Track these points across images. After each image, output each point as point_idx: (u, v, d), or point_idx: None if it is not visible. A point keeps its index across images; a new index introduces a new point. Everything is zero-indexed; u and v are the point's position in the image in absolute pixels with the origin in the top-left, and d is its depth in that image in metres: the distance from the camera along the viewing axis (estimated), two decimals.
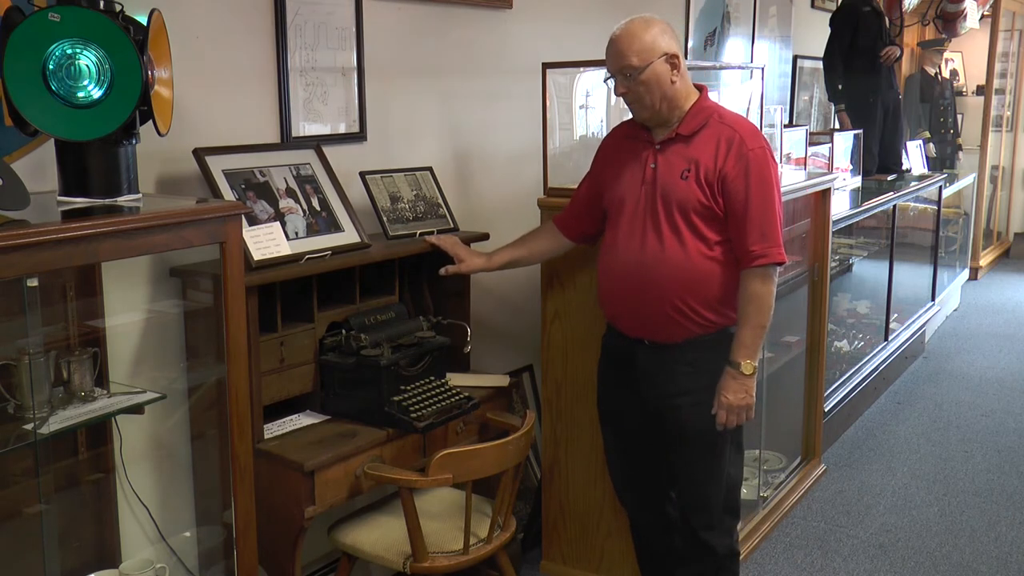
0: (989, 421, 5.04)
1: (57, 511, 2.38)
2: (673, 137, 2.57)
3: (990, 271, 8.99)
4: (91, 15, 2.06)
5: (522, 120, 3.75)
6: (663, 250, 2.54)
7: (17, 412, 2.12)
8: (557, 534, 3.34)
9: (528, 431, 2.68)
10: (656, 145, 2.59)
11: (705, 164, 2.51)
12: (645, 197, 2.58)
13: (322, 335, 2.77)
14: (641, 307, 2.60)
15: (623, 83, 2.53)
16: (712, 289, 2.55)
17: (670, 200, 2.53)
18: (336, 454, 2.53)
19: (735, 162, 2.49)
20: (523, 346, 3.85)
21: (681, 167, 2.54)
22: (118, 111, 2.08)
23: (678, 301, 2.54)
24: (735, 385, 2.55)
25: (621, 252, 2.62)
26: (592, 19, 4.16)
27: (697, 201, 2.51)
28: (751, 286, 2.52)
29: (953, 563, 3.55)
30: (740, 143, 2.50)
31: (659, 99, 2.52)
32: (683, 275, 2.53)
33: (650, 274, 2.55)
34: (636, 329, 2.66)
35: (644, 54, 2.49)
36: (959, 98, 9.28)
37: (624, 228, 2.62)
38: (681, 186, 2.53)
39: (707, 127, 2.55)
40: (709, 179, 2.51)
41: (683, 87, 2.56)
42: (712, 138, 2.53)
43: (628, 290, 2.62)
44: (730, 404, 2.56)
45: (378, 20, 3.14)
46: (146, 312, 2.54)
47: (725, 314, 2.59)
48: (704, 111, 2.57)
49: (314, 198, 2.79)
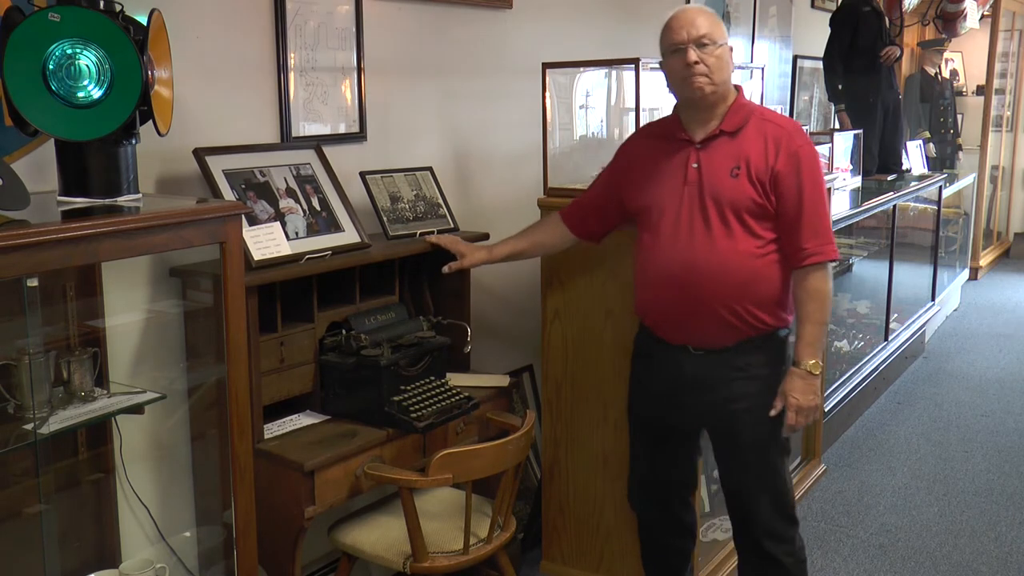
0: (989, 421, 5.04)
1: (57, 511, 2.37)
2: (716, 134, 2.50)
3: (990, 271, 8.99)
4: (91, 15, 2.06)
5: (522, 120, 3.75)
6: (715, 252, 2.46)
7: (17, 412, 2.12)
8: (557, 534, 3.34)
9: (528, 431, 2.68)
10: (697, 144, 2.52)
11: (755, 161, 2.45)
12: (689, 198, 2.49)
13: (322, 335, 2.77)
14: (691, 313, 2.51)
15: (696, 52, 2.45)
16: (767, 290, 2.49)
17: (720, 199, 2.46)
18: (336, 454, 2.53)
19: (786, 159, 2.44)
20: (523, 346, 3.85)
21: (729, 165, 2.47)
22: (118, 111, 2.08)
23: (735, 304, 2.46)
24: (803, 385, 2.47)
25: (665, 257, 2.53)
26: (592, 19, 4.17)
27: (750, 199, 2.44)
28: (811, 283, 2.46)
29: (953, 563, 3.55)
30: (789, 140, 2.46)
31: (724, 80, 2.48)
32: (738, 276, 2.46)
33: (702, 278, 2.47)
34: (682, 336, 2.57)
35: (720, 33, 2.47)
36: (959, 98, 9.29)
37: (666, 232, 2.52)
38: (731, 184, 2.46)
39: (750, 124, 2.49)
40: (760, 177, 2.44)
41: (731, 83, 2.54)
42: (758, 135, 2.48)
43: (675, 296, 2.52)
44: (800, 405, 2.47)
45: (378, 20, 3.14)
46: (146, 312, 2.54)
47: (778, 315, 2.53)
48: (744, 108, 2.53)
49: (314, 198, 2.79)
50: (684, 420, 2.68)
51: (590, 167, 3.28)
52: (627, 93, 3.23)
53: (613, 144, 3.46)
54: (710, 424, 2.65)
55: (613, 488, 3.19)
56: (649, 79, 3.11)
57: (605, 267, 3.08)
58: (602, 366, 3.14)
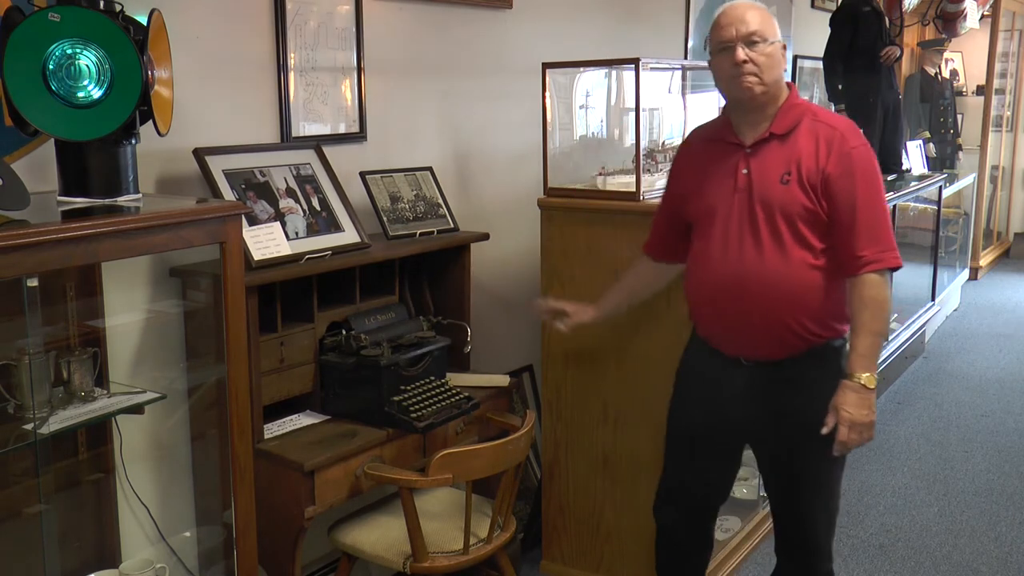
0: (989, 421, 5.04)
1: (57, 511, 2.37)
2: (767, 138, 2.38)
3: (990, 271, 8.99)
4: (91, 15, 2.06)
5: (522, 120, 3.75)
6: (763, 262, 2.34)
7: (17, 412, 2.12)
8: (557, 534, 3.34)
9: (528, 431, 2.68)
10: (747, 148, 2.40)
11: (806, 165, 2.32)
12: (739, 205, 2.38)
13: (322, 335, 2.77)
14: (741, 325, 2.40)
15: (745, 51, 2.33)
16: (819, 301, 2.35)
17: (771, 207, 2.33)
18: (336, 454, 2.53)
19: (838, 161, 2.30)
20: (523, 346, 3.85)
21: (779, 171, 2.34)
22: (118, 111, 2.08)
23: (786, 317, 2.35)
24: (857, 399, 2.29)
25: (715, 266, 2.42)
26: (592, 19, 4.17)
27: (801, 206, 2.31)
28: (866, 291, 2.30)
29: (953, 563, 3.55)
30: (841, 141, 2.32)
31: (774, 79, 2.36)
32: (789, 289, 2.33)
33: (750, 289, 2.35)
34: (735, 347, 2.46)
35: (771, 29, 2.37)
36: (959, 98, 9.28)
37: (717, 240, 2.41)
38: (781, 191, 2.33)
39: (801, 125, 2.37)
40: (812, 181, 2.31)
41: (782, 81, 2.42)
42: (809, 136, 2.35)
43: (726, 307, 2.41)
44: (853, 420, 2.29)
45: (378, 20, 3.14)
46: (146, 312, 2.54)
47: (831, 327, 2.40)
48: (796, 108, 2.40)
49: (314, 198, 2.79)
50: (730, 432, 2.56)
51: (590, 167, 3.29)
52: (627, 93, 3.23)
53: (613, 144, 3.48)
54: (759, 438, 2.54)
55: (613, 488, 3.19)
56: (649, 79, 3.11)
57: (606, 267, 3.08)
58: (603, 366, 3.14)
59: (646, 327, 3.04)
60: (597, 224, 3.08)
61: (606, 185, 3.16)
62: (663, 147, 3.42)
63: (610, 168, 3.26)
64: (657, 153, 3.34)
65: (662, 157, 3.36)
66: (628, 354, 3.09)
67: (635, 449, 3.12)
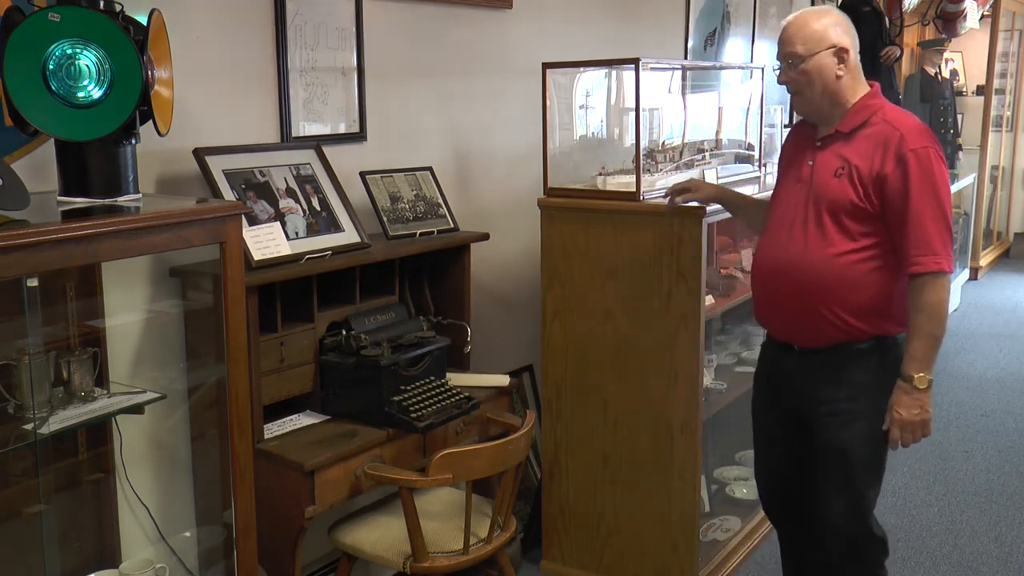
0: (989, 421, 5.04)
1: (57, 511, 2.37)
2: (832, 134, 2.46)
3: (990, 271, 8.99)
4: (91, 15, 2.06)
5: (522, 120, 3.75)
6: (806, 251, 2.43)
7: (17, 412, 2.12)
8: (557, 534, 3.34)
9: (528, 431, 2.68)
10: (817, 142, 2.50)
11: (862, 163, 2.38)
12: (798, 196, 2.49)
13: (322, 335, 2.77)
14: (785, 310, 2.52)
15: (786, 71, 2.45)
16: (859, 294, 2.41)
17: (821, 200, 2.43)
18: (336, 454, 2.53)
19: (894, 163, 2.34)
20: (523, 346, 3.85)
21: (835, 165, 2.43)
22: (118, 111, 2.08)
23: (822, 307, 2.42)
24: (908, 400, 2.38)
25: (768, 252, 2.55)
26: (592, 19, 4.17)
27: (848, 200, 2.38)
28: (919, 294, 2.34)
29: (953, 563, 3.55)
30: (900, 142, 2.35)
31: (819, 92, 2.43)
32: (823, 278, 2.41)
33: (792, 275, 2.46)
34: (783, 332, 2.58)
35: (810, 43, 2.41)
36: (959, 98, 9.28)
37: (775, 226, 2.55)
38: (833, 184, 2.41)
39: (869, 125, 2.42)
40: (864, 179, 2.37)
41: (850, 83, 2.45)
42: (872, 137, 2.40)
43: (773, 292, 2.54)
44: (903, 420, 2.39)
45: (378, 20, 3.14)
46: (146, 312, 2.54)
47: (876, 323, 2.44)
48: (867, 108, 2.44)
49: (314, 198, 2.79)
50: (782, 421, 2.64)
51: (590, 167, 3.29)
52: (627, 93, 3.23)
53: (613, 144, 3.48)
54: (801, 426, 2.57)
55: (613, 488, 3.19)
56: (649, 79, 3.11)
57: (605, 267, 3.08)
58: (602, 366, 3.14)
59: (646, 327, 3.04)
60: (597, 224, 3.08)
61: (606, 185, 3.16)
62: (663, 147, 3.42)
63: (610, 168, 3.26)
64: (657, 153, 3.34)
65: (662, 157, 3.36)
66: (628, 354, 3.09)
67: (635, 449, 3.12)
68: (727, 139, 3.84)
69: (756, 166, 3.81)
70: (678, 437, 3.04)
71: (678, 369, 3.00)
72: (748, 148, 3.88)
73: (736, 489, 3.80)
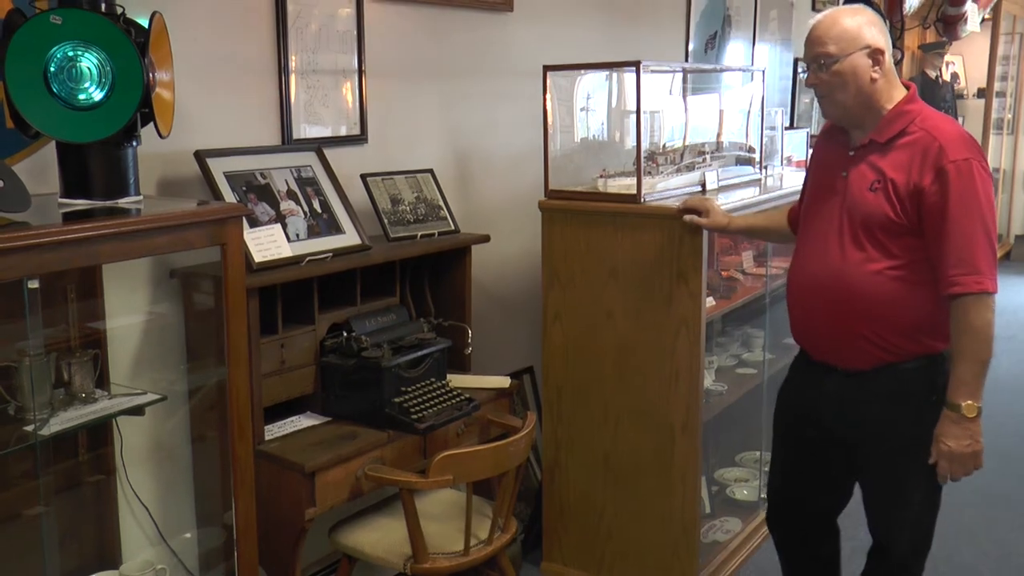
0: (989, 423, 4.96)
1: (57, 512, 2.38)
2: (867, 144, 2.31)
3: None
4: (92, 17, 2.06)
5: (523, 122, 3.75)
6: (844, 268, 2.29)
7: (18, 414, 2.13)
8: (558, 535, 3.34)
9: (529, 432, 2.68)
10: (851, 152, 2.35)
11: (900, 177, 2.23)
12: (832, 209, 2.34)
13: (323, 337, 2.78)
14: (823, 328, 2.38)
15: (815, 73, 2.28)
16: (902, 311, 2.27)
17: (855, 214, 2.28)
18: (337, 455, 2.53)
19: (933, 176, 2.19)
20: (524, 347, 3.85)
21: (871, 178, 2.27)
22: (119, 113, 2.09)
23: (861, 326, 2.28)
24: (957, 431, 2.22)
25: (805, 267, 2.41)
26: (593, 22, 4.17)
27: (884, 216, 2.24)
28: (962, 316, 2.21)
29: (953, 564, 3.55)
30: (939, 154, 2.19)
31: (852, 96, 2.27)
32: (865, 297, 2.27)
33: (830, 293, 2.32)
34: (820, 351, 2.42)
35: (844, 43, 2.24)
36: (960, 101, 9.29)
37: (809, 241, 2.41)
38: (869, 199, 2.26)
39: (906, 134, 2.26)
40: (901, 194, 2.22)
41: (884, 86, 2.29)
42: (910, 147, 2.24)
43: (810, 309, 2.40)
44: (952, 452, 2.23)
45: (379, 22, 3.15)
46: (147, 314, 2.55)
47: (921, 341, 2.30)
48: (905, 115, 2.27)
49: (315, 200, 2.79)
50: (821, 439, 2.49)
51: (591, 169, 3.29)
52: (628, 95, 3.24)
53: (614, 146, 3.48)
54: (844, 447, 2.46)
55: (614, 489, 3.19)
56: (650, 81, 3.12)
57: (606, 269, 3.08)
58: (603, 367, 3.14)
59: (647, 328, 3.04)
60: (598, 226, 3.08)
61: (607, 187, 3.17)
62: (664, 149, 3.42)
63: (611, 170, 3.26)
64: (658, 155, 3.35)
65: (663, 159, 3.36)
66: (629, 356, 3.09)
67: (635, 449, 3.12)
68: (728, 141, 3.84)
69: (757, 168, 3.81)
70: (679, 439, 3.04)
71: (679, 371, 3.00)
72: (749, 151, 3.88)
73: (737, 490, 3.80)
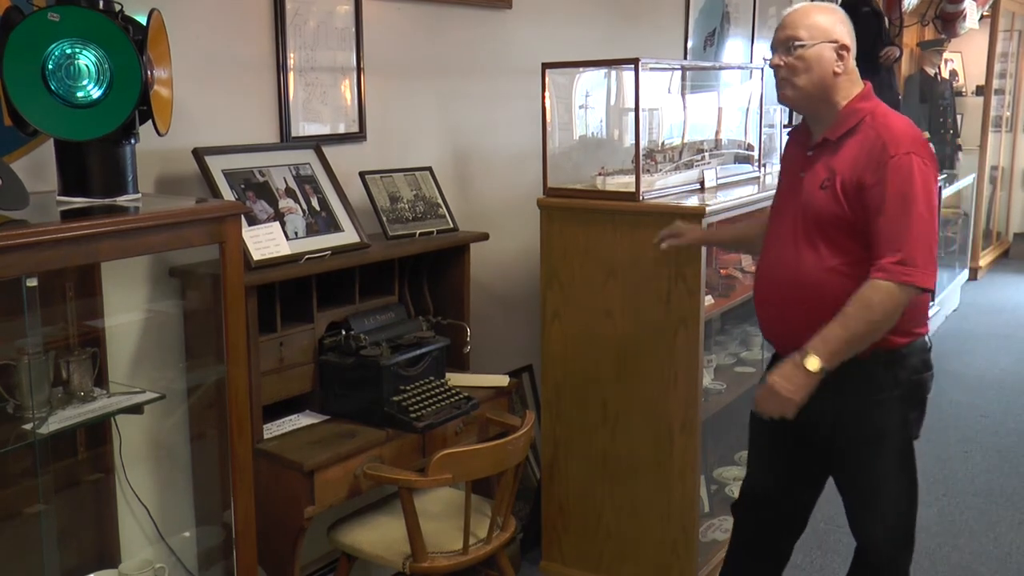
0: (988, 421, 5.04)
1: (56, 511, 2.37)
2: (821, 143, 2.36)
3: (989, 271, 8.99)
4: (91, 15, 2.06)
5: (522, 120, 3.75)
6: (800, 266, 2.35)
7: (16, 412, 2.12)
8: (556, 534, 3.34)
9: (528, 431, 2.68)
10: (809, 152, 2.40)
11: (846, 173, 2.27)
12: (792, 209, 2.40)
13: (321, 335, 2.77)
14: (784, 326, 2.43)
15: (782, 55, 2.32)
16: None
17: (808, 212, 2.34)
18: (335, 454, 2.53)
19: (873, 170, 2.23)
20: (522, 346, 3.85)
21: (822, 177, 2.33)
22: (117, 111, 2.08)
23: (818, 321, 2.26)
24: (790, 372, 2.24)
25: (766, 264, 2.48)
26: (592, 20, 4.17)
27: (832, 213, 2.29)
28: (868, 291, 2.19)
29: (953, 563, 3.55)
30: (881, 150, 2.23)
31: (813, 83, 2.31)
32: (821, 293, 2.30)
33: (788, 291, 2.37)
34: (784, 348, 2.43)
35: (815, 31, 2.31)
36: (958, 98, 9.28)
37: (771, 243, 2.48)
38: (819, 197, 2.32)
39: (855, 131, 2.30)
40: (848, 190, 2.26)
41: (845, 83, 2.34)
42: (858, 143, 2.29)
43: (773, 308, 2.46)
44: (773, 387, 2.26)
45: (378, 20, 3.14)
46: (145, 312, 2.54)
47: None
48: (857, 112, 2.32)
49: (313, 198, 2.78)
50: (793, 435, 2.49)
51: (590, 167, 3.29)
52: (627, 93, 3.23)
53: (612, 144, 3.48)
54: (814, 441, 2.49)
55: (613, 488, 3.19)
56: (649, 79, 3.11)
57: (605, 267, 3.08)
58: (602, 366, 3.14)
59: (645, 327, 3.04)
60: (597, 224, 3.08)
61: (606, 185, 3.17)
62: (663, 147, 3.42)
63: (610, 168, 3.26)
64: (657, 153, 3.34)
65: (662, 157, 3.36)
66: (627, 354, 3.09)
67: (634, 449, 3.12)
68: (727, 139, 3.84)
69: (756, 166, 3.81)
70: (677, 437, 3.04)
71: (677, 369, 3.00)
72: (748, 148, 3.88)
73: (735, 489, 3.80)
